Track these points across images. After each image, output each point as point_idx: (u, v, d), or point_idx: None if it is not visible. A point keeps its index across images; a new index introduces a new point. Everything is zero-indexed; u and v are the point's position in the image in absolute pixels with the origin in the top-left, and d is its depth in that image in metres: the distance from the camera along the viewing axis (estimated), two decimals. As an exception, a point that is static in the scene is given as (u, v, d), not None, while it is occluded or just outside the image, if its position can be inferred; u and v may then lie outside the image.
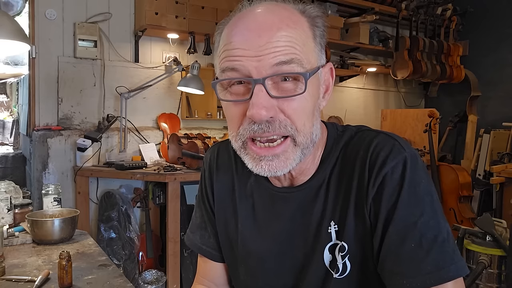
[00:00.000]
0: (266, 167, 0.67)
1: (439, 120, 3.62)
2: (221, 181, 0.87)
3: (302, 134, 0.67)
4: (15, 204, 1.59)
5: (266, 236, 0.81)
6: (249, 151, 0.69)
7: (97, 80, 2.99)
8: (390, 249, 0.67)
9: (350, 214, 0.71)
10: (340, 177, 0.74)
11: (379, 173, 0.68)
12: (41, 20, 2.79)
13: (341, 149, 0.76)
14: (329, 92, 0.75)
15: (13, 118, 3.80)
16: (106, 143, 2.97)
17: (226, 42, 0.68)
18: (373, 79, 4.45)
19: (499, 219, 2.32)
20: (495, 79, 4.20)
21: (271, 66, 0.63)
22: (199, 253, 0.92)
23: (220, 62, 0.68)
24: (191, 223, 0.95)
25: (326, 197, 0.75)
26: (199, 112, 3.39)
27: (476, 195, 3.64)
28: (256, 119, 0.64)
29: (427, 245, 0.65)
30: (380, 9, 3.81)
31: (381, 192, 0.68)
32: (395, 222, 0.66)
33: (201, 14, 3.06)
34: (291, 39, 0.64)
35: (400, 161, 0.68)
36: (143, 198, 3.00)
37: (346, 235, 0.71)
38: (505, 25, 4.13)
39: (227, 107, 0.70)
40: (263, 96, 0.63)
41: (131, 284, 1.17)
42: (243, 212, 0.84)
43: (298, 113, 0.66)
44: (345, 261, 0.72)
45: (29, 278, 1.16)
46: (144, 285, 2.78)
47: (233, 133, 0.70)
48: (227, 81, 0.67)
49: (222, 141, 0.92)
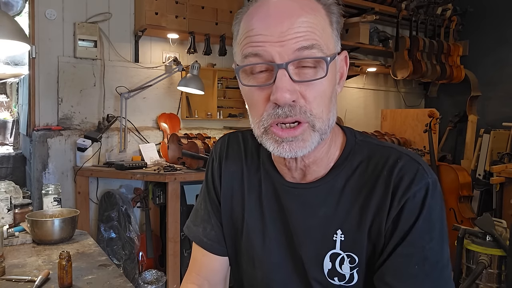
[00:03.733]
0: (288, 147, 0.68)
1: (439, 120, 3.62)
2: (230, 170, 0.88)
3: (321, 120, 0.69)
4: (15, 204, 1.59)
5: (270, 228, 0.81)
6: (272, 135, 0.69)
7: (97, 80, 2.99)
8: (394, 265, 0.70)
9: (364, 229, 0.73)
10: (357, 190, 0.75)
11: (402, 197, 0.71)
12: (41, 20, 2.79)
13: (361, 162, 0.77)
14: (343, 79, 0.77)
15: (13, 118, 3.80)
16: (106, 143, 2.97)
17: (247, 29, 0.69)
18: (373, 79, 4.45)
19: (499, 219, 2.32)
20: (495, 79, 4.19)
21: (293, 51, 0.65)
22: (199, 246, 0.91)
23: (241, 49, 0.69)
24: (194, 215, 0.94)
25: (337, 204, 0.75)
26: (199, 112, 3.39)
27: (476, 195, 3.64)
28: (280, 102, 0.65)
29: (429, 269, 0.69)
30: (380, 9, 3.81)
31: (400, 214, 0.71)
32: (405, 243, 0.70)
33: (201, 14, 3.06)
34: (312, 25, 0.66)
35: (423, 187, 0.70)
36: (143, 198, 3.00)
37: (357, 249, 0.74)
38: (505, 25, 4.13)
39: (249, 93, 0.71)
40: (287, 80, 0.65)
41: (131, 284, 1.17)
42: (251, 202, 0.84)
43: (317, 99, 0.68)
44: (353, 272, 0.74)
45: (29, 278, 1.16)
46: (144, 285, 2.78)
47: (257, 120, 0.70)
48: (249, 67, 0.68)
49: (232, 132, 0.93)
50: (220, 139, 0.93)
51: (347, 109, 4.21)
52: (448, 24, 4.34)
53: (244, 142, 0.89)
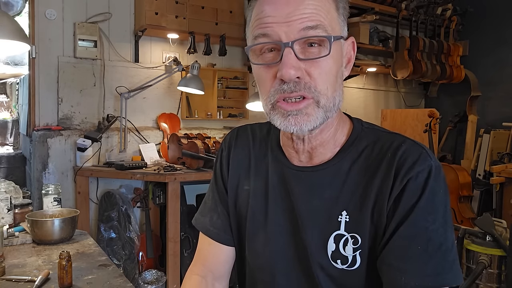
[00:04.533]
0: (293, 120, 0.71)
1: (439, 120, 3.62)
2: (238, 158, 0.91)
3: (325, 97, 0.72)
4: (15, 204, 1.59)
5: (275, 213, 0.83)
6: (279, 110, 0.73)
7: (97, 80, 2.99)
8: (397, 245, 0.71)
9: (367, 210, 0.74)
10: (362, 172, 0.77)
11: (404, 177, 0.72)
12: (41, 20, 2.79)
13: (367, 146, 0.79)
14: (351, 64, 0.80)
15: (13, 118, 3.80)
16: (106, 143, 2.97)
17: (257, 12, 0.74)
18: (373, 79, 4.45)
19: (499, 219, 2.32)
20: (495, 79, 4.20)
21: (298, 30, 0.69)
22: (206, 235, 0.92)
23: (252, 31, 0.74)
24: (202, 206, 0.97)
25: (342, 186, 0.77)
26: (199, 112, 3.39)
27: (476, 195, 3.64)
28: (286, 78, 0.69)
29: (432, 250, 0.69)
30: (380, 9, 3.81)
31: (402, 194, 0.72)
32: (408, 223, 0.71)
33: (201, 14, 3.06)
34: (317, 7, 0.70)
35: (426, 168, 0.72)
36: (143, 198, 3.00)
37: (360, 229, 0.75)
38: (505, 25, 4.13)
39: (258, 71, 0.75)
40: (292, 57, 0.69)
41: (131, 284, 1.17)
42: (256, 188, 0.86)
43: (322, 76, 0.71)
44: (356, 254, 0.75)
45: (29, 278, 1.16)
46: (144, 285, 2.78)
47: (265, 96, 0.74)
48: (259, 47, 0.73)
49: (242, 125, 0.97)
50: (230, 131, 0.97)
51: (347, 109, 4.21)
52: (448, 24, 4.34)
53: (252, 132, 0.93)
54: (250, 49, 0.75)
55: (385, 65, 4.26)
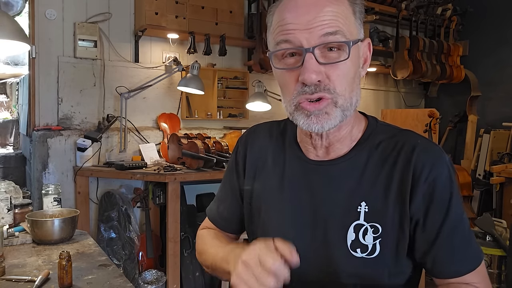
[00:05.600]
0: (315, 119, 0.77)
1: (439, 120, 3.62)
2: (255, 155, 0.95)
3: (343, 98, 0.76)
4: (15, 204, 1.59)
5: (290, 206, 0.86)
6: (302, 110, 0.78)
7: (97, 80, 2.99)
8: (445, 241, 0.78)
9: (390, 200, 0.79)
10: (380, 164, 0.82)
11: (430, 174, 0.78)
12: (41, 20, 2.79)
13: (383, 140, 0.84)
14: (367, 64, 0.85)
15: (13, 118, 3.80)
16: (106, 143, 2.97)
17: (279, 19, 0.78)
18: (373, 79, 4.45)
19: (499, 219, 2.32)
20: (495, 79, 4.19)
21: (319, 36, 0.74)
22: (212, 223, 1.03)
23: (274, 37, 0.79)
24: (215, 198, 1.05)
25: (360, 178, 0.82)
26: (199, 112, 3.39)
27: (476, 195, 3.64)
28: (307, 82, 0.74)
29: (468, 235, 0.80)
30: (380, 9, 3.80)
31: (433, 191, 0.78)
32: (449, 218, 0.78)
33: (201, 14, 3.06)
34: (336, 14, 0.75)
35: (445, 165, 0.80)
36: (143, 198, 3.00)
37: (381, 219, 0.79)
38: (505, 25, 4.13)
39: (281, 75, 0.80)
40: (313, 62, 0.74)
41: (131, 284, 1.17)
42: (273, 182, 0.90)
43: (340, 78, 0.76)
44: (376, 242, 0.79)
45: (29, 278, 1.16)
46: (144, 285, 2.78)
47: (288, 98, 0.79)
48: (281, 52, 0.78)
49: (259, 124, 1.02)
50: (247, 129, 1.03)
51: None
52: (448, 24, 4.34)
53: (270, 130, 0.97)
54: (273, 54, 0.79)
55: (385, 65, 4.26)
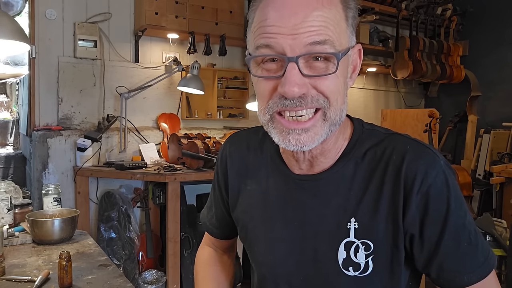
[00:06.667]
0: (294, 141, 0.68)
1: (439, 120, 3.62)
2: (235, 168, 0.89)
3: (333, 109, 0.69)
4: (15, 204, 1.59)
5: (277, 223, 0.81)
6: (277, 125, 0.70)
7: (97, 80, 2.99)
8: (448, 252, 0.71)
9: (381, 216, 0.72)
10: (368, 177, 0.75)
11: (423, 183, 0.70)
12: (41, 20, 2.79)
13: (369, 149, 0.76)
14: (356, 72, 0.77)
15: (13, 118, 3.80)
16: (106, 143, 2.97)
17: (261, 18, 0.68)
18: (373, 79, 4.45)
19: (499, 219, 2.32)
20: (495, 79, 4.19)
21: (305, 45, 0.64)
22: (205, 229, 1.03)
23: (254, 39, 0.69)
24: (207, 201, 1.04)
25: (348, 193, 0.75)
26: (199, 112, 3.39)
27: (476, 195, 3.64)
28: (288, 96, 0.65)
29: (474, 240, 0.71)
30: (380, 9, 3.81)
31: (427, 202, 0.70)
32: (449, 229, 0.70)
33: (201, 14, 3.06)
34: (326, 19, 0.65)
35: (440, 170, 0.71)
36: (143, 198, 3.00)
37: (372, 235, 0.73)
38: (505, 25, 4.13)
39: (258, 82, 0.71)
40: (296, 73, 0.65)
41: (131, 284, 1.17)
42: (257, 197, 0.84)
43: (330, 89, 0.68)
44: (368, 260, 0.73)
45: (29, 278, 1.16)
46: (144, 285, 2.78)
47: (262, 107, 0.71)
48: (260, 57, 0.68)
49: (236, 132, 0.95)
50: (225, 140, 0.96)
51: (347, 109, 4.20)
52: (448, 24, 4.34)
53: (248, 139, 0.90)
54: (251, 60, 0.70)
55: (385, 65, 4.26)
